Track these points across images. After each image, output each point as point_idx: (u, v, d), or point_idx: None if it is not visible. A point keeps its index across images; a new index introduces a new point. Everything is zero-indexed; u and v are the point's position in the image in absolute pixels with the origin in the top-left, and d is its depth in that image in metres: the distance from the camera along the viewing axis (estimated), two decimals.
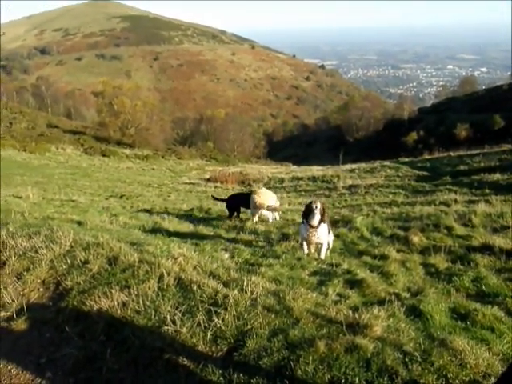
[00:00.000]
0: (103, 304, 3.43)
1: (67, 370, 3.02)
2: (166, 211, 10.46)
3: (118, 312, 3.36)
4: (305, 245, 5.57)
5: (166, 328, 3.13)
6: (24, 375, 3.03)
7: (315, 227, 5.33)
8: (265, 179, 23.73)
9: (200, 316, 3.18)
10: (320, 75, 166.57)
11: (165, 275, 3.74)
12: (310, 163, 42.70)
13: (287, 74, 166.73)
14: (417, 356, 2.73)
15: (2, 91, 72.83)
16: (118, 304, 3.42)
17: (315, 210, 5.29)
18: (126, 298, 3.48)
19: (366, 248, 6.10)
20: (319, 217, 5.31)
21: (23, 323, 3.49)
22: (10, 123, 47.15)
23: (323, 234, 5.41)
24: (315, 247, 5.60)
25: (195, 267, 4.10)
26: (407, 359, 2.72)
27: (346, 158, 37.30)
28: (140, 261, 4.08)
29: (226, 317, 3.14)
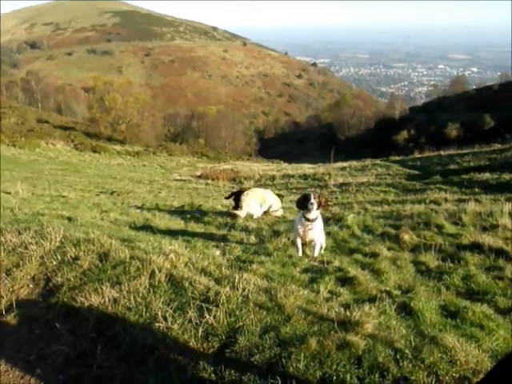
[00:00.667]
0: (94, 300, 3.40)
1: (57, 367, 2.99)
2: (157, 208, 10.41)
3: (109, 308, 3.34)
4: (299, 242, 5.33)
5: (158, 324, 3.12)
6: (13, 372, 3.00)
7: (311, 221, 5.08)
8: (256, 176, 23.70)
9: (191, 313, 3.17)
10: (312, 73, 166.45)
11: (156, 272, 3.73)
12: (302, 161, 42.79)
13: (279, 72, 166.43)
14: (408, 353, 2.76)
15: None
16: (109, 300, 3.40)
17: (313, 201, 4.92)
18: (117, 295, 3.46)
19: (357, 246, 6.10)
20: (316, 207, 4.98)
21: (13, 319, 3.46)
22: None
23: (319, 230, 5.23)
24: (308, 244, 5.45)
25: (186, 264, 4.09)
26: (398, 356, 2.74)
27: (338, 156, 37.23)
28: (131, 257, 4.06)
29: (218, 314, 3.14)
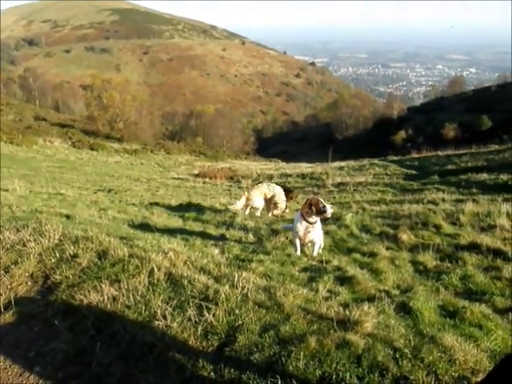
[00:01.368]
0: (93, 298, 3.40)
1: (56, 365, 2.99)
2: (155, 206, 10.40)
3: (108, 306, 3.33)
4: (297, 242, 5.40)
5: (157, 323, 3.12)
6: (12, 369, 2.99)
7: (312, 223, 5.20)
8: (254, 175, 23.71)
9: (191, 311, 3.16)
10: (310, 72, 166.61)
11: (155, 270, 3.72)
12: (299, 160, 42.83)
13: (277, 71, 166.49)
14: (407, 352, 2.76)
15: None
16: (108, 298, 3.39)
17: (326, 205, 5.16)
18: (116, 293, 3.45)
19: (356, 245, 6.12)
20: (316, 213, 5.15)
21: (11, 317, 3.45)
22: None
23: (318, 231, 5.31)
24: (306, 244, 5.51)
25: (185, 262, 4.08)
26: (397, 355, 2.74)
27: (335, 156, 37.38)
28: (130, 255, 4.06)
29: (217, 312, 3.13)
